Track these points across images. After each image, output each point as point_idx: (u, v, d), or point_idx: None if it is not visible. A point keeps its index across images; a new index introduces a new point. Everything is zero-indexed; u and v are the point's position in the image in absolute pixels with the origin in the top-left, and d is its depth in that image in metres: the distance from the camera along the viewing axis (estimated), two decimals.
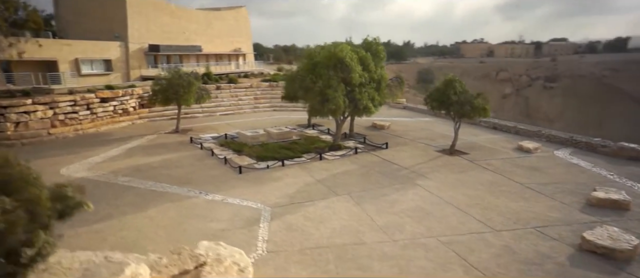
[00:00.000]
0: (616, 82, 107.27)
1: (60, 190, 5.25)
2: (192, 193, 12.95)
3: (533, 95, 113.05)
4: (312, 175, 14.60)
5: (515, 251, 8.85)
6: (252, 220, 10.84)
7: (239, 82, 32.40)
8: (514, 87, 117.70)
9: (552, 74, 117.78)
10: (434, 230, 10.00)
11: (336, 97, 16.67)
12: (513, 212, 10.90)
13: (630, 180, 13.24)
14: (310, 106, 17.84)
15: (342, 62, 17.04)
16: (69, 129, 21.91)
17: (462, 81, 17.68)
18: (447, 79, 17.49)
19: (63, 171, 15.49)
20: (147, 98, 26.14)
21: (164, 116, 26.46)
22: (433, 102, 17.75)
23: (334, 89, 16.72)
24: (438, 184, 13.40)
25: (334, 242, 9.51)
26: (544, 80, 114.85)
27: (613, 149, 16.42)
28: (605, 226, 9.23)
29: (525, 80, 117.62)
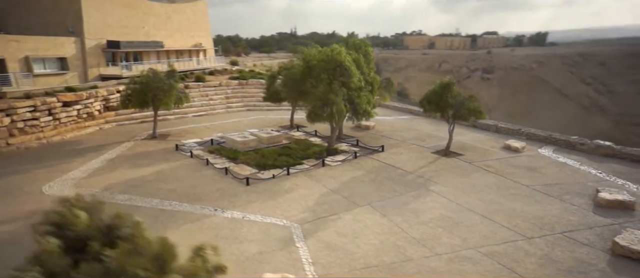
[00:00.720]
0: (542, 74, 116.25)
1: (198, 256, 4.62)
2: (207, 211, 12.23)
3: (473, 86, 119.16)
4: (324, 185, 14.36)
5: (556, 259, 9.30)
6: (285, 240, 10.45)
7: (207, 80, 31.02)
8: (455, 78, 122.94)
9: (488, 65, 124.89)
10: (471, 241, 10.23)
11: (338, 102, 16.48)
12: (534, 217, 11.44)
13: (619, 178, 14.41)
14: (310, 111, 17.45)
15: (341, 66, 16.86)
16: (30, 138, 19.77)
17: (455, 84, 18.07)
18: (444, 82, 17.84)
19: (46, 190, 13.99)
20: (117, 100, 24.30)
21: (132, 119, 24.71)
22: (429, 104, 18.14)
23: (335, 94, 16.50)
24: (450, 189, 13.73)
25: (382, 261, 9.43)
26: (481, 72, 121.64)
27: (590, 147, 17.78)
28: (630, 229, 9.99)
29: (465, 72, 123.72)
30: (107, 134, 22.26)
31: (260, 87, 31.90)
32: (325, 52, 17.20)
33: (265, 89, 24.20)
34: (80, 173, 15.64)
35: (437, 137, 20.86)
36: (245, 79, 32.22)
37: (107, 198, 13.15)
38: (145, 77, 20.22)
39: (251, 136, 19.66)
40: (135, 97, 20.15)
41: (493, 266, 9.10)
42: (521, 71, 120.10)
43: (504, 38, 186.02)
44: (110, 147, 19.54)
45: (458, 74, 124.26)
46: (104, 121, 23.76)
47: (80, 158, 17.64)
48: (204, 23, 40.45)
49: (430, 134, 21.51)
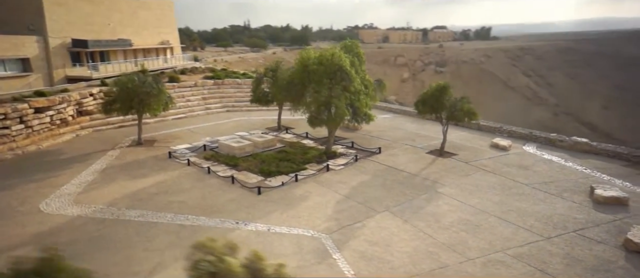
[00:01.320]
0: (490, 67, 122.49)
1: None
2: (229, 224, 11.99)
3: (427, 79, 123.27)
4: (335, 191, 14.47)
5: (578, 259, 10.03)
6: (320, 252, 10.49)
7: (182, 80, 29.94)
8: (410, 71, 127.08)
9: (441, 59, 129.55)
10: (497, 244, 10.78)
11: (341, 107, 16.60)
12: (545, 217, 12.23)
13: (603, 174, 15.69)
14: (312, 115, 17.42)
15: (341, 70, 16.96)
16: (2, 149, 18.23)
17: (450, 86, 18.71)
18: (440, 86, 18.39)
19: (43, 208, 13.04)
20: (90, 104, 22.92)
21: (109, 125, 23.42)
22: (424, 106, 18.70)
23: (338, 98, 16.61)
24: (457, 191, 14.33)
25: (422, 269, 9.73)
26: (435, 65, 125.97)
27: (569, 143, 19.17)
28: (637, 226, 10.98)
29: (420, 65, 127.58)
30: (85, 141, 20.97)
31: (236, 87, 31.30)
32: (325, 56, 17.19)
33: (252, 90, 23.77)
34: (75, 188, 14.70)
35: (425, 136, 21.57)
36: (220, 79, 31.42)
37: (117, 215, 12.52)
38: (130, 81, 19.19)
39: (246, 141, 19.32)
40: (121, 103, 19.10)
41: (525, 268, 9.68)
42: (471, 64, 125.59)
43: (452, 32, 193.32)
44: (95, 156, 18.46)
45: (413, 67, 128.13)
46: (79, 127, 22.34)
47: (67, 170, 16.54)
48: (169, 19, 38.82)
49: (417, 133, 22.18)
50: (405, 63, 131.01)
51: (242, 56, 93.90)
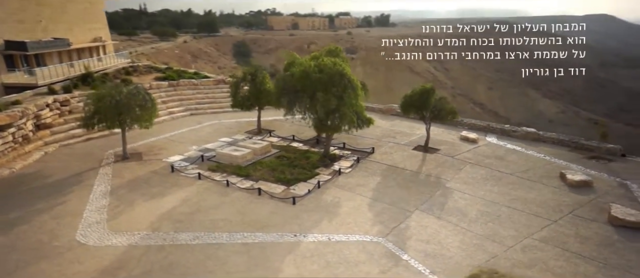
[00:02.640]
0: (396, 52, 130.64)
1: None
2: (289, 238, 12.62)
3: None
4: (360, 194, 15.70)
5: (586, 237, 12.66)
6: (390, 255, 11.75)
7: (134, 82, 28.03)
8: None
9: (351, 46, 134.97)
10: (522, 231, 13.03)
11: (349, 114, 17.72)
12: (542, 202, 14.91)
13: (559, 160, 19.15)
14: (319, 122, 18.22)
15: (343, 77, 18.03)
16: None
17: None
18: (425, 88, 20.24)
19: (82, 240, 12.27)
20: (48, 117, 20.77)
21: (74, 138, 21.50)
22: (409, 107, 20.60)
23: (346, 106, 17.68)
24: (461, 185, 16.52)
25: (480, 260, 11.53)
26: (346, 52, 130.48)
27: (521, 133, 22.72)
28: (613, 204, 14.10)
29: None
30: (60, 159, 19.12)
31: (193, 88, 30.31)
32: (327, 64, 18.02)
33: (232, 95, 23.53)
34: (98, 214, 13.84)
35: (401, 133, 23.64)
36: (174, 79, 30.07)
37: (171, 240, 12.35)
38: (118, 93, 17.95)
39: (245, 149, 19.42)
40: (107, 116, 17.80)
41: (554, 250, 12.02)
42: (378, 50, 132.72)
43: (356, 18, 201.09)
44: (86, 176, 17.15)
45: None
46: (42, 143, 20.16)
47: (68, 195, 15.31)
48: (100, 12, 35.42)
49: (392, 130, 24.13)
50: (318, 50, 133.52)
51: (155, 47, 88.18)
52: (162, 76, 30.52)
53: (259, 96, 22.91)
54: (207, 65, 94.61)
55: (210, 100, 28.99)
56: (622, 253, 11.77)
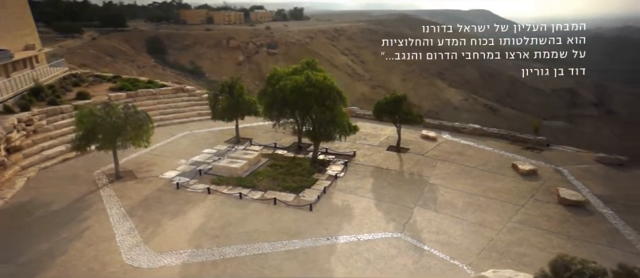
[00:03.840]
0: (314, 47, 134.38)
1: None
2: (323, 241, 14.33)
3: (262, 61, 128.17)
4: (362, 196, 17.83)
5: (549, 216, 16.25)
6: (413, 247, 14.09)
7: (93, 95, 26.91)
8: (244, 54, 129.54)
9: (271, 41, 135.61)
10: (504, 216, 16.20)
11: (344, 123, 19.67)
12: (507, 190, 18.39)
13: (506, 152, 23.17)
14: (316, 131, 19.84)
15: (332, 89, 19.92)
16: None
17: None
18: (398, 96, 22.81)
19: (133, 263, 12.69)
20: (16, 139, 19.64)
21: (50, 159, 20.50)
22: (382, 112, 23.10)
23: (340, 116, 19.61)
24: (440, 181, 19.47)
25: (481, 244, 14.40)
26: (267, 47, 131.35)
27: (469, 130, 26.59)
28: (560, 188, 18.00)
29: (253, 48, 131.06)
30: (49, 184, 18.29)
31: (153, 98, 29.77)
32: (319, 79, 19.71)
33: (211, 107, 23.96)
34: (130, 237, 14.17)
35: (370, 134, 26.10)
36: (131, 90, 29.20)
37: (220, 255, 13.37)
38: (113, 112, 17.78)
39: (242, 160, 20.35)
40: (106, 137, 17.57)
41: (531, 229, 15.32)
42: (299, 45, 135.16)
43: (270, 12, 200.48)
44: (90, 199, 16.93)
45: (246, 49, 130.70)
46: (20, 168, 18.99)
47: (86, 220, 15.26)
48: (28, 17, 32.42)
49: (362, 132, 26.38)
50: (237, 45, 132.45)
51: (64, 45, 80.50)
52: (117, 86, 29.40)
53: (238, 107, 23.69)
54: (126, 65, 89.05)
55: (173, 110, 28.76)
56: (577, 227, 15.50)
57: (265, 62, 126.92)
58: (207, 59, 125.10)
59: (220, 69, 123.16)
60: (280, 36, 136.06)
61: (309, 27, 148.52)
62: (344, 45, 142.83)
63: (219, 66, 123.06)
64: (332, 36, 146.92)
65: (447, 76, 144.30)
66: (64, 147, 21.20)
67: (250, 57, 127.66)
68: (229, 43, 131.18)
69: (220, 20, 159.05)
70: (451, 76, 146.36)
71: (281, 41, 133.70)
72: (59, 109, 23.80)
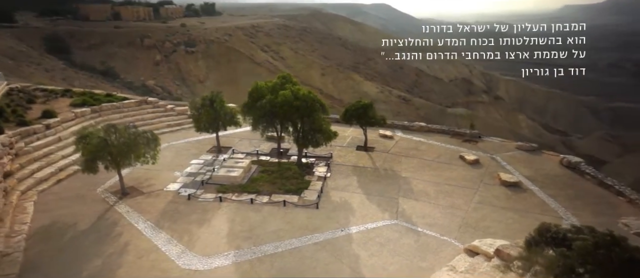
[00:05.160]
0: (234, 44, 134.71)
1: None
2: (340, 233, 17.33)
3: (182, 61, 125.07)
4: (354, 192, 21.12)
5: (497, 195, 21.07)
6: (410, 230, 17.77)
7: (57, 112, 26.43)
8: (161, 53, 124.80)
9: (189, 39, 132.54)
10: (467, 199, 20.60)
11: (328, 131, 22.68)
12: (462, 177, 23.01)
13: (450, 145, 28.09)
14: (303, 139, 22.54)
15: (315, 101, 22.84)
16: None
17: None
18: (365, 103, 26.31)
19: (187, 267, 14.51)
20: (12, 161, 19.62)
21: (44, 181, 20.60)
22: (351, 117, 26.50)
23: (326, 124, 22.60)
24: (410, 174, 23.49)
25: (457, 222, 18.57)
26: (184, 46, 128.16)
27: (416, 127, 31.25)
28: (500, 172, 23.05)
29: (170, 46, 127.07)
30: (57, 205, 18.66)
31: (118, 112, 29.89)
32: (304, 93, 22.46)
33: (195, 121, 25.28)
34: (172, 246, 15.78)
35: None
36: (95, 104, 28.97)
37: (261, 253, 15.70)
38: (119, 134, 18.73)
39: (237, 168, 22.36)
40: (113, 157, 18.51)
41: (489, 207, 19.90)
42: (218, 43, 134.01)
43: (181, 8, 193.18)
44: (111, 217, 17.93)
45: (162, 48, 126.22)
46: (20, 192, 18.92)
47: (122, 236, 16.41)
48: None
49: None
50: (153, 44, 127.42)
51: None
52: (77, 102, 28.88)
53: (219, 119, 25.36)
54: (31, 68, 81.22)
55: (142, 122, 29.14)
56: (518, 202, 20.49)
57: (185, 61, 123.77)
58: (120, 59, 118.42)
59: (136, 69, 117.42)
60: (198, 34, 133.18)
61: (226, 24, 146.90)
62: (262, 41, 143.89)
63: (134, 66, 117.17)
64: (250, 33, 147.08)
65: (361, 70, 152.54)
66: (54, 168, 21.26)
67: (168, 56, 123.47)
68: (144, 42, 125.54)
69: (128, 17, 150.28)
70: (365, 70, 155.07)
71: (199, 39, 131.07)
72: (32, 130, 23.35)
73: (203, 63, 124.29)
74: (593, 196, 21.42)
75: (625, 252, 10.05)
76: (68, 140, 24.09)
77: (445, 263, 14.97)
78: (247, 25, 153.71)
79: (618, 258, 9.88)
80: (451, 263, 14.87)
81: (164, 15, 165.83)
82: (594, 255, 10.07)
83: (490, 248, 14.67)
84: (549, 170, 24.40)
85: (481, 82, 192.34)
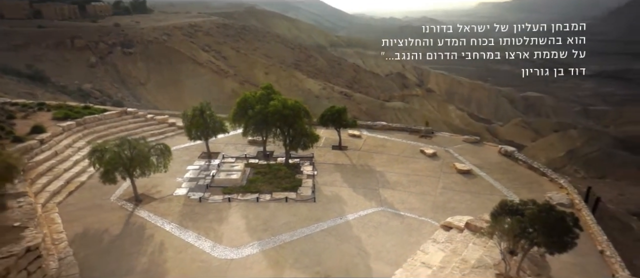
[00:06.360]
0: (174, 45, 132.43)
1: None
2: (340, 220, 20.87)
3: (119, 62, 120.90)
4: (342, 186, 24.69)
5: (455, 181, 25.81)
6: (395, 214, 21.76)
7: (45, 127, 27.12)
8: (95, 54, 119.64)
9: (125, 39, 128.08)
10: (433, 186, 25.07)
11: (314, 135, 26.04)
12: (426, 168, 27.51)
13: (410, 141, 32.70)
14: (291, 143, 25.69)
15: (301, 109, 26.15)
16: None
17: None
18: (340, 108, 29.95)
19: (222, 256, 17.23)
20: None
21: (57, 194, 21.82)
22: (328, 121, 30.06)
23: (311, 130, 25.95)
24: (383, 168, 27.57)
25: (430, 205, 22.93)
26: (121, 47, 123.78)
27: (379, 126, 35.53)
28: (454, 163, 27.90)
29: (105, 48, 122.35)
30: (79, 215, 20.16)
31: (102, 124, 30.86)
32: (290, 102, 25.64)
33: (187, 130, 27.31)
34: (202, 242, 18.28)
35: None
36: (78, 117, 29.78)
37: (283, 241, 18.78)
38: (132, 146, 20.65)
39: (235, 172, 25.02)
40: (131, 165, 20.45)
41: (451, 192, 24.48)
42: (157, 44, 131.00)
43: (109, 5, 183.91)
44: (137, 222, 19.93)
45: (96, 49, 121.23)
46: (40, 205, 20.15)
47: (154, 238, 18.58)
48: None
49: None
50: (85, 45, 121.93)
51: None
52: (59, 115, 29.49)
53: (209, 127, 27.68)
54: None
55: (126, 132, 30.30)
56: (472, 186, 25.38)
57: (123, 63, 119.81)
58: (49, 62, 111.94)
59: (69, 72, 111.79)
60: (134, 34, 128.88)
61: (163, 24, 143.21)
62: (203, 41, 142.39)
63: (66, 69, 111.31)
64: (189, 32, 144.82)
65: (303, 67, 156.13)
66: (62, 181, 22.54)
67: (104, 58, 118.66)
68: (74, 42, 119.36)
69: (51, 15, 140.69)
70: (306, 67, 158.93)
71: (137, 39, 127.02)
72: (29, 146, 24.15)
73: (143, 64, 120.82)
74: (525, 177, 26.90)
75: (557, 214, 14.58)
76: (64, 154, 25.16)
77: (427, 237, 19.14)
78: (185, 24, 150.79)
79: (553, 219, 14.38)
80: (433, 237, 19.10)
81: (91, 14, 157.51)
82: (539, 218, 14.51)
83: (461, 222, 19.12)
84: (491, 158, 29.77)
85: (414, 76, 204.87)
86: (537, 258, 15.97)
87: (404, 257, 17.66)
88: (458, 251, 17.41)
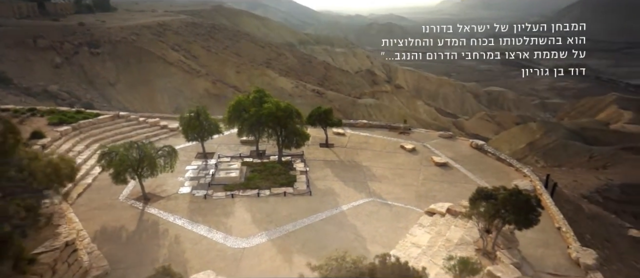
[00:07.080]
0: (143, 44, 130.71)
1: None
2: (337, 210, 23.19)
3: (86, 62, 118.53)
4: (334, 180, 27.00)
5: (435, 173, 28.63)
6: (385, 204, 24.33)
7: (44, 132, 27.96)
8: (60, 55, 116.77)
9: (91, 39, 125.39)
10: (417, 177, 27.81)
11: (307, 134, 28.21)
12: (410, 162, 30.21)
13: (390, 137, 35.42)
14: (285, 142, 27.76)
15: (293, 111, 28.27)
16: None
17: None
18: (326, 108, 32.21)
19: (236, 246, 19.19)
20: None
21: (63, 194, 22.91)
22: (315, 120, 32.28)
23: (302, 129, 28.12)
24: (369, 163, 30.07)
25: (416, 194, 25.63)
26: (88, 47, 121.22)
27: (360, 124, 38.05)
28: (432, 156, 30.79)
29: (70, 48, 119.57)
30: (94, 215, 21.44)
31: (97, 128, 31.77)
32: (283, 104, 27.70)
33: (184, 132, 28.79)
34: (216, 234, 20.10)
35: None
36: (73, 122, 30.62)
37: (287, 230, 20.89)
38: (140, 149, 22.13)
39: (234, 170, 26.85)
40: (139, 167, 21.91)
41: (431, 182, 27.31)
42: (125, 44, 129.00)
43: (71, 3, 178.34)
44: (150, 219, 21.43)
45: (61, 49, 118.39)
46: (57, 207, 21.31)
47: (171, 233, 20.22)
48: None
49: None
50: (49, 45, 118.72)
51: None
52: (54, 121, 30.23)
53: (205, 129, 29.29)
54: None
55: (121, 136, 31.43)
56: (449, 176, 28.32)
57: (90, 63, 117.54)
58: (10, 62, 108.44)
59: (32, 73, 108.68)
60: (101, 34, 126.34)
61: (131, 23, 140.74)
62: (172, 40, 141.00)
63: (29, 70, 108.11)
64: (157, 32, 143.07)
65: (274, 66, 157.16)
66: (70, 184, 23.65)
67: (70, 58, 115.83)
68: (37, 42, 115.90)
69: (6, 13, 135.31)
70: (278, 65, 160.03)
71: (104, 39, 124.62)
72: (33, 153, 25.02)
73: (111, 64, 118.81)
74: (494, 168, 30.15)
75: (524, 197, 17.40)
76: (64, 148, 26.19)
77: (414, 222, 21.81)
78: (153, 23, 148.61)
79: (521, 201, 17.20)
80: (418, 222, 21.79)
81: (52, 12, 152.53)
82: (509, 201, 17.29)
83: (443, 208, 21.90)
84: (464, 151, 32.92)
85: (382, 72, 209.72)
86: (508, 234, 18.86)
87: (396, 240, 20.21)
88: (442, 232, 20.15)
